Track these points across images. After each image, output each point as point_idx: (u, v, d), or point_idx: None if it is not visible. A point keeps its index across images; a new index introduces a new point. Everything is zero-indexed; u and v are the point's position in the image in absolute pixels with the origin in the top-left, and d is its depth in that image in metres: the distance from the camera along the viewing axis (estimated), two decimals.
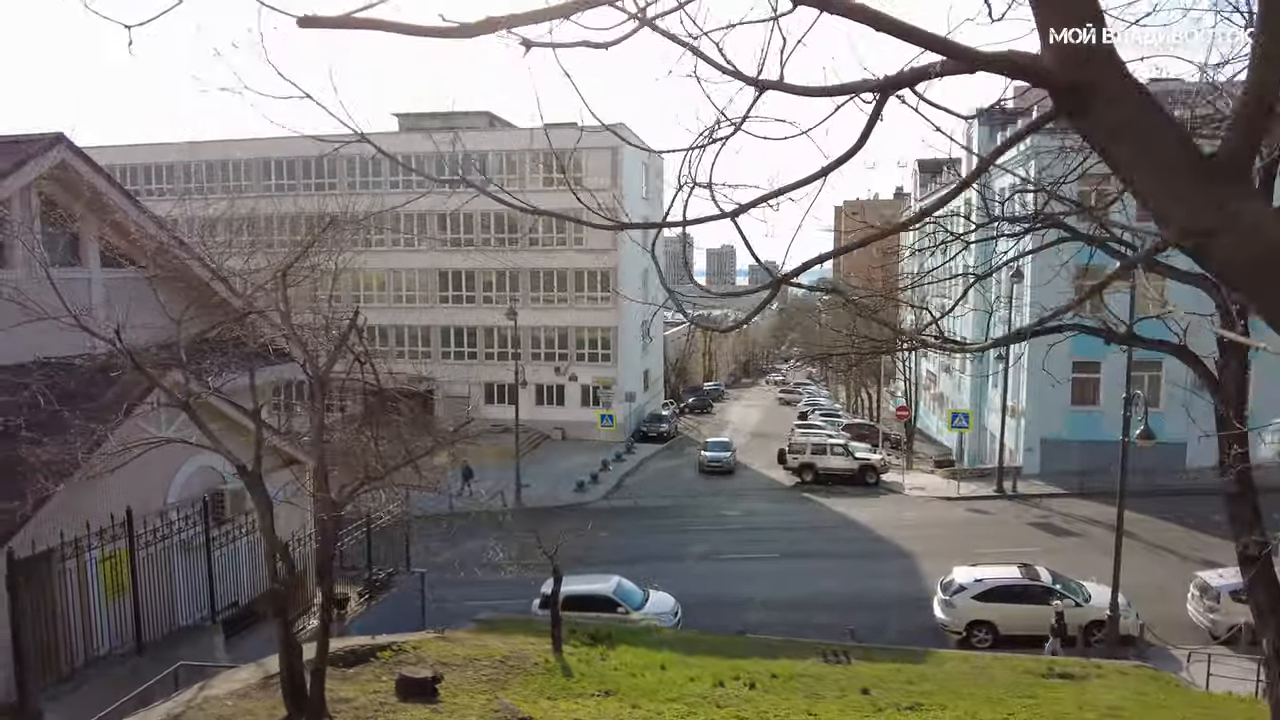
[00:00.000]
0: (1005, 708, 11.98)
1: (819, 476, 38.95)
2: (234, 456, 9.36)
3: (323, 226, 9.71)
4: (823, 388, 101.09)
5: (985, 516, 31.78)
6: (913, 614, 22.40)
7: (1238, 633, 19.20)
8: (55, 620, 11.19)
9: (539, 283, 53.26)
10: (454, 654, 14.67)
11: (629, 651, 15.83)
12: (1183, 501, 30.13)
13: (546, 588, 22.34)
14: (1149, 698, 12.88)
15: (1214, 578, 20.42)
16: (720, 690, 13.13)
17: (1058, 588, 20.60)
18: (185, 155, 55.88)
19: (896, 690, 13.19)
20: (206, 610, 14.02)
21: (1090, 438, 35.06)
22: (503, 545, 16.48)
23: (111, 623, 12.11)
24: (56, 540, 11.29)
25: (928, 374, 59.20)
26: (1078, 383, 35.50)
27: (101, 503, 12.20)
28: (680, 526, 33.05)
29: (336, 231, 9.72)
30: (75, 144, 14.05)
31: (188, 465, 14.49)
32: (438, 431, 9.87)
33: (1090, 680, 14.98)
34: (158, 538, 12.57)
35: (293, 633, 9.22)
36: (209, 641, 13.13)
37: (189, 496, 14.56)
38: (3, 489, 10.29)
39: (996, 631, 20.45)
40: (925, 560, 26.67)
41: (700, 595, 23.82)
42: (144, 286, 15.53)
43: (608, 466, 43.83)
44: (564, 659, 14.79)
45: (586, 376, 53.06)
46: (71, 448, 10.13)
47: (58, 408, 9.59)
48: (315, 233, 9.60)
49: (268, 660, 12.39)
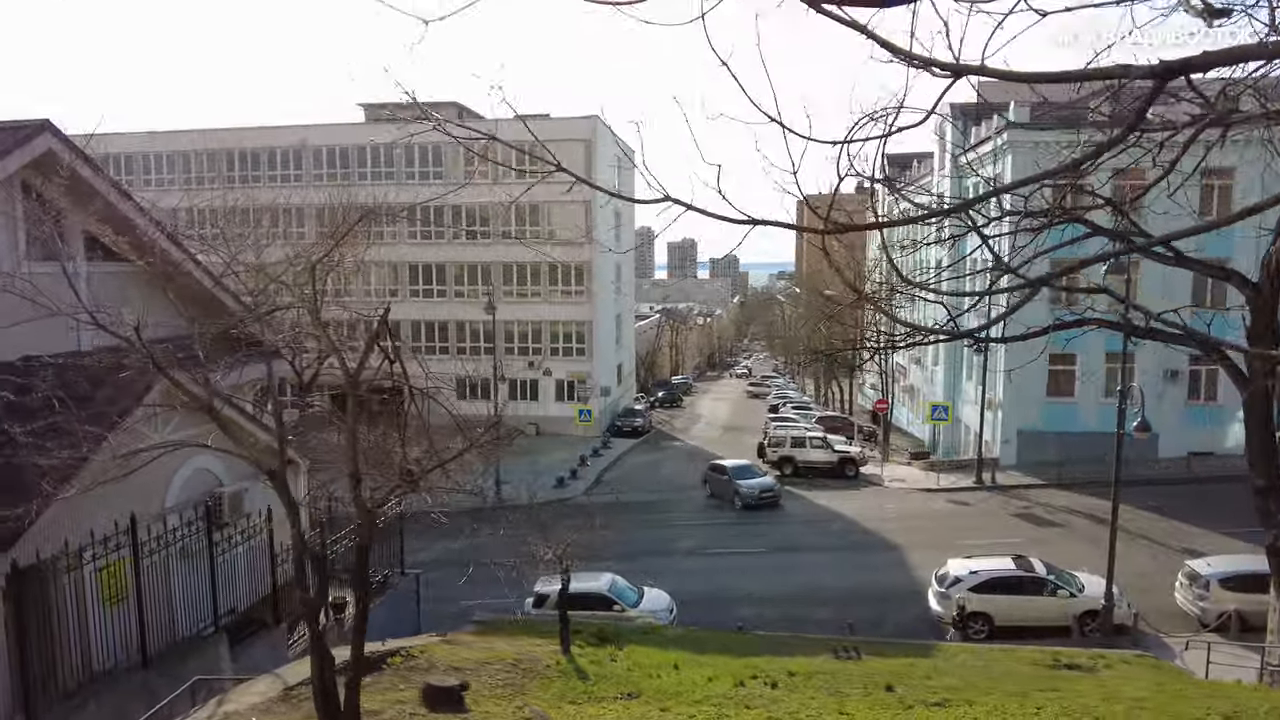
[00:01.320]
0: (1032, 702, 11.97)
1: (799, 469, 39.07)
2: (260, 460, 8.91)
3: (357, 218, 9.28)
4: (790, 380, 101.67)
5: (967, 508, 32.10)
6: (907, 606, 22.50)
7: (1227, 620, 19.56)
8: (57, 633, 10.61)
9: (512, 276, 52.66)
10: (464, 658, 14.32)
11: (638, 651, 15.61)
12: (1158, 491, 30.75)
13: (539, 586, 22.05)
14: (1167, 688, 13.00)
15: (1203, 566, 20.79)
16: (743, 690, 12.96)
17: (1051, 579, 20.82)
18: (146, 146, 54.12)
19: (918, 686, 13.14)
20: (208, 619, 13.46)
21: (1066, 429, 35.67)
22: (490, 544, 16.09)
23: (112, 634, 11.53)
24: (55, 548, 10.73)
25: (897, 366, 59.76)
26: (1053, 374, 36.05)
27: (99, 508, 11.60)
28: (665, 521, 32.89)
29: (369, 224, 9.29)
30: (61, 131, 13.36)
31: (184, 468, 13.91)
32: (470, 432, 9.46)
33: (1099, 671, 15.12)
34: (162, 545, 12.00)
35: (325, 642, 8.81)
36: (214, 651, 12.60)
37: (186, 500, 13.98)
38: (3, 495, 9.71)
39: (992, 623, 20.60)
40: (914, 552, 26.84)
41: (692, 591, 23.67)
42: (128, 281, 14.93)
43: (585, 462, 43.51)
44: (575, 661, 14.53)
45: (561, 371, 52.64)
46: (80, 452, 9.60)
47: (73, 411, 9.02)
48: (350, 224, 9.15)
49: (282, 670, 11.95)
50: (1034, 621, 20.29)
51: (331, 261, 8.97)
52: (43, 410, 10.16)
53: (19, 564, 9.86)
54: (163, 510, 13.33)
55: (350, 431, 8.55)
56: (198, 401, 8.59)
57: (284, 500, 8.66)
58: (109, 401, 11.56)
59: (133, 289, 14.19)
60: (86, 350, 13.92)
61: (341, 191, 45.74)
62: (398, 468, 9.00)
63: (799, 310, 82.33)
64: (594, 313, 52.46)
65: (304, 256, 9.99)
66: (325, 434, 14.45)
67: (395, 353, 9.13)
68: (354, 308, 9.95)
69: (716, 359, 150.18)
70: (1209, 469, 33.35)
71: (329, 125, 53.07)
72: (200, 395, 9.12)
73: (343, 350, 8.66)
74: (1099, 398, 35.34)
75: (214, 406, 8.80)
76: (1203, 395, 35.65)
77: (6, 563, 10.07)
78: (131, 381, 12.26)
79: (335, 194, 45.91)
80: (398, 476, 8.99)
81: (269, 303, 9.34)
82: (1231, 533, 26.89)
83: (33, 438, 9.37)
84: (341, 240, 8.83)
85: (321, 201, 43.60)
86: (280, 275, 9.90)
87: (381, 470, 9.20)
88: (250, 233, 10.39)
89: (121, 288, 14.58)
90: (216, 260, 10.03)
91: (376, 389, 10.96)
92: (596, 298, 52.50)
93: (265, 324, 9.55)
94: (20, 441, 9.27)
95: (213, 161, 53.73)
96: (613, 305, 57.50)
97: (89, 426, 10.11)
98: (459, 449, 9.48)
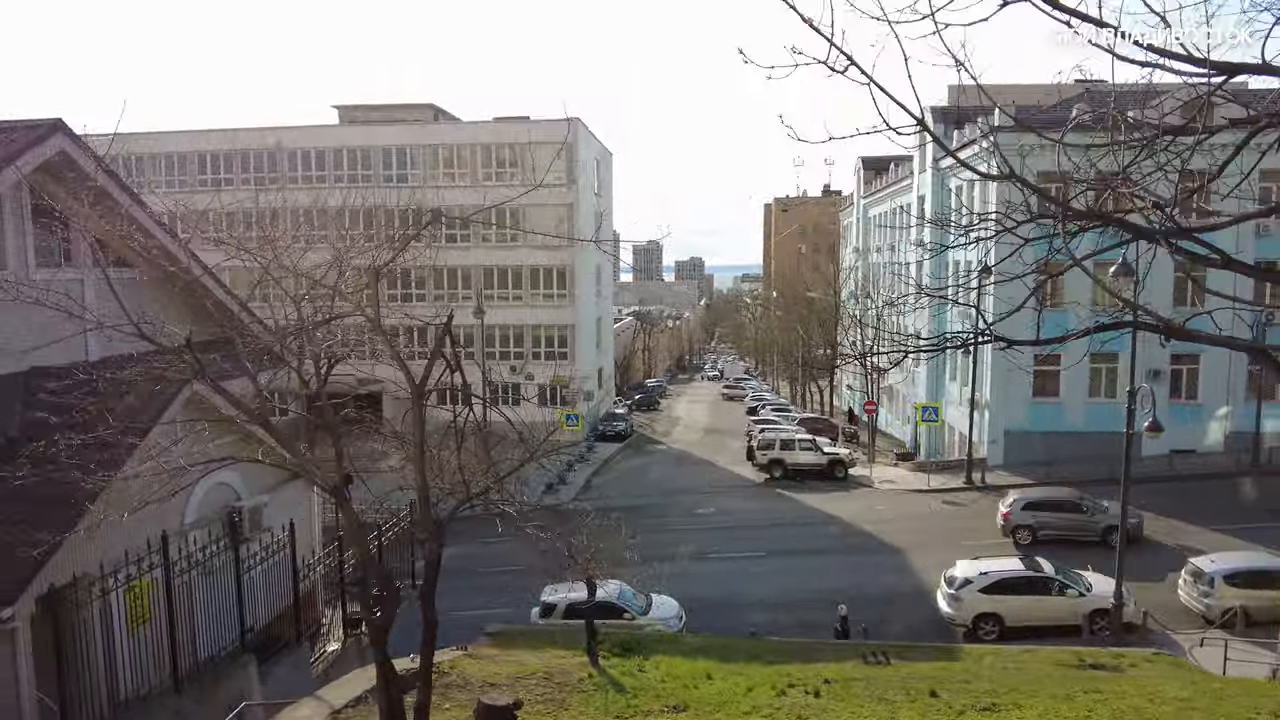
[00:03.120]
0: (1081, 705, 11.97)
1: (788, 472, 39.08)
2: (322, 478, 8.53)
3: (426, 221, 8.94)
4: (762, 382, 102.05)
5: (960, 509, 32.32)
6: (914, 608, 22.53)
7: (1233, 616, 19.83)
8: (89, 658, 10.11)
9: (493, 280, 52.08)
10: (494, 673, 14.00)
11: (666, 661, 15.37)
12: (1144, 489, 31.11)
13: (546, 595, 21.71)
14: (1203, 687, 13.09)
15: (1206, 563, 21.07)
16: (786, 699, 12.80)
17: (1060, 578, 20.97)
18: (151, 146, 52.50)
19: (959, 690, 13.08)
20: (232, 638, 12.96)
21: (1052, 429, 36.11)
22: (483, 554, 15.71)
23: (142, 657, 11.03)
24: (82, 569, 10.22)
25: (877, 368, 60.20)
26: (1039, 375, 36.45)
27: (118, 526, 11.11)
28: (660, 526, 32.63)
29: (435, 227, 8.95)
30: (74, 132, 12.79)
31: (204, 483, 13.37)
32: (529, 442, 9.19)
33: (1125, 670, 15.21)
34: (193, 563, 11.51)
35: (393, 666, 8.46)
36: (244, 673, 12.13)
37: (205, 516, 13.49)
38: (36, 513, 9.21)
39: (1003, 624, 20.69)
40: (914, 554, 26.92)
41: (698, 596, 23.46)
42: (138, 287, 14.34)
43: (572, 467, 43.13)
44: (607, 673, 14.26)
45: (542, 376, 52.15)
46: (118, 470, 9.13)
47: (113, 426, 8.56)
48: (419, 227, 8.81)
49: (322, 693, 11.54)
50: (1045, 621, 20.41)
51: (394, 266, 8.62)
52: (73, 424, 9.67)
53: (55, 586, 9.36)
54: (182, 527, 12.84)
55: (418, 445, 8.23)
56: (252, 417, 8.20)
57: (347, 518, 8.30)
58: (131, 413, 11.07)
59: (143, 295, 13.65)
60: (94, 360, 13.38)
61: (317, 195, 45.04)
62: (460, 479, 8.71)
63: (776, 313, 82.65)
64: (576, 316, 52.10)
65: (341, 261, 9.61)
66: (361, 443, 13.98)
67: (457, 360, 8.82)
68: (417, 315, 9.53)
69: (686, 361, 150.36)
70: (1191, 466, 33.96)
71: (304, 127, 52.14)
72: (249, 409, 8.72)
73: (404, 359, 8.31)
74: (1085, 398, 35.85)
75: (268, 421, 8.41)
76: (1184, 394, 36.32)
77: (33, 589, 9.57)
78: (153, 394, 11.80)
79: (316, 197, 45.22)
80: (461, 488, 8.70)
81: (321, 310, 8.93)
82: (1222, 529, 27.42)
83: (73, 454, 8.89)
84: (407, 244, 8.50)
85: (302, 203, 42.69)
86: (321, 279, 9.49)
87: (443, 481, 8.90)
88: (299, 234, 9.93)
89: (130, 295, 14.04)
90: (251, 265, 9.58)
91: (354, 396, 10.55)
92: (578, 301, 52.16)
93: (307, 334, 9.15)
94: (62, 460, 8.78)
95: (228, 162, 52.37)
96: (594, 308, 57.19)
97: (129, 438, 9.66)
98: (519, 460, 9.21)
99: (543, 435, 9.48)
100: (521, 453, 9.22)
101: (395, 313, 9.41)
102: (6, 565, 9.27)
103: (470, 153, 51.30)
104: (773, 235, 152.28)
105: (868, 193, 62.11)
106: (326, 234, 10.57)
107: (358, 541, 8.47)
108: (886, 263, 54.45)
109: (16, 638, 9.33)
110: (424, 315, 11.05)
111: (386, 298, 47.37)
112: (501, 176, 50.81)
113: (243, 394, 10.41)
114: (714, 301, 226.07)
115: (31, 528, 8.87)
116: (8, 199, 12.49)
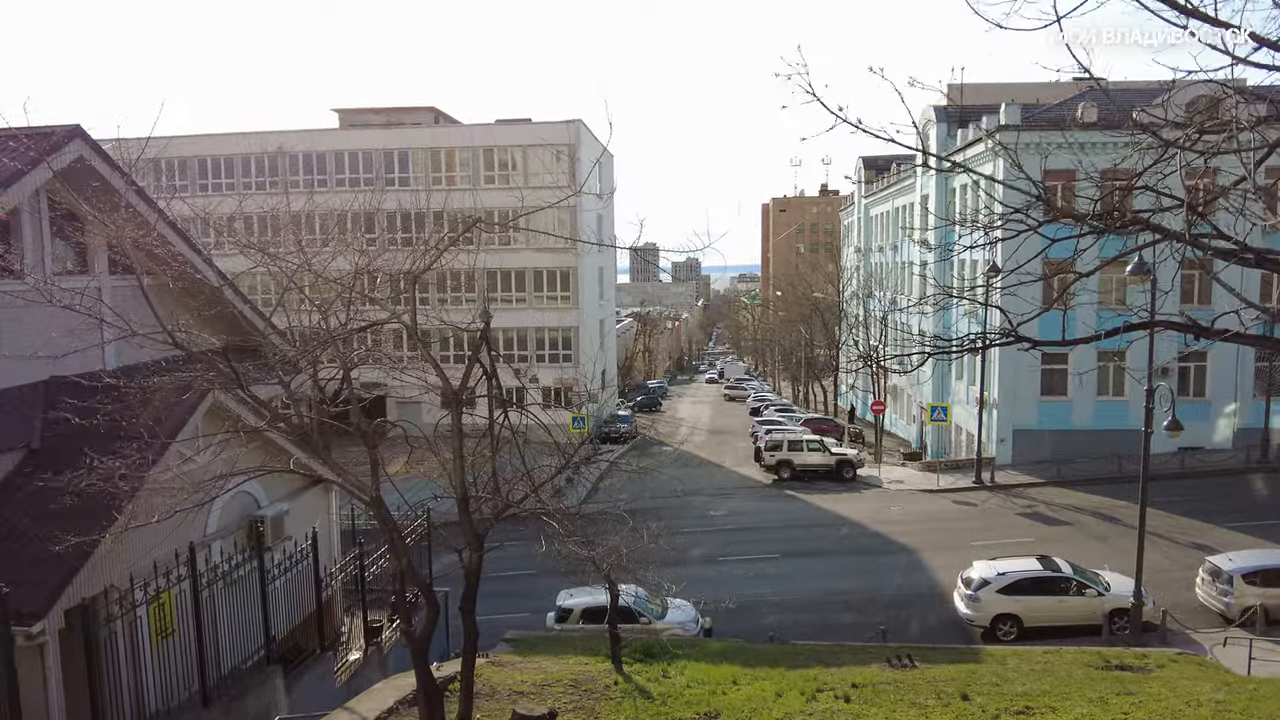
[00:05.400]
0: (1116, 708, 11.87)
1: (796, 473, 38.97)
2: (360, 487, 8.39)
3: (467, 225, 8.82)
4: (764, 382, 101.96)
5: (972, 508, 32.22)
6: (931, 609, 22.44)
7: (1252, 615, 19.73)
8: (117, 672, 9.96)
9: (496, 283, 51.95)
10: (520, 681, 13.85)
11: (690, 667, 15.23)
12: (1154, 487, 30.91)
13: (562, 600, 21.60)
14: (1234, 688, 13.00)
15: (1225, 561, 20.97)
16: (818, 704, 12.68)
17: (1078, 578, 20.87)
18: None
19: (991, 693, 12.97)
20: (256, 649, 12.80)
21: (1061, 427, 36.07)
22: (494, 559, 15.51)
23: (170, 671, 10.88)
24: (107, 582, 10.07)
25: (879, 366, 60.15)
26: (1046, 374, 36.42)
27: (140, 537, 10.95)
28: (672, 529, 32.29)
29: (473, 231, 8.83)
30: (92, 138, 12.65)
31: (225, 492, 13.25)
32: (566, 450, 9.07)
33: (1151, 671, 15.10)
34: (219, 574, 11.37)
35: (434, 680, 8.33)
36: (271, 685, 11.97)
37: (225, 525, 13.34)
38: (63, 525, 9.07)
39: (1021, 624, 20.59)
40: (928, 554, 26.82)
41: (712, 599, 23.32)
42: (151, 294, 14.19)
43: (579, 470, 42.97)
44: (633, 679, 14.13)
45: (546, 378, 51.98)
46: (142, 479, 8.99)
47: (146, 437, 8.42)
48: (459, 231, 8.69)
49: (354, 704, 11.40)
50: (1064, 621, 20.31)
51: (433, 272, 8.51)
52: (98, 433, 9.55)
53: (85, 599, 9.21)
54: (205, 537, 12.69)
55: (457, 452, 8.10)
56: (294, 429, 8.07)
57: (388, 529, 8.18)
58: (155, 422, 10.92)
59: (156, 302, 13.50)
60: (112, 368, 13.22)
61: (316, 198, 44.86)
62: (495, 487, 8.58)
63: (778, 313, 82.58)
64: (580, 318, 52.00)
65: (369, 267, 9.49)
66: None
67: (493, 366, 8.70)
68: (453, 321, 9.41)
69: (685, 362, 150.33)
70: (1199, 464, 33.90)
71: (303, 131, 51.97)
72: (285, 420, 8.58)
73: (440, 365, 8.18)
74: (1093, 396, 35.79)
75: (306, 433, 8.27)
76: (1192, 391, 36.25)
77: (60, 603, 9.42)
78: (174, 403, 11.65)
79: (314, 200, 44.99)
80: (497, 496, 8.57)
81: (353, 317, 8.81)
82: (1235, 526, 27.35)
83: (99, 464, 8.76)
84: (445, 249, 8.39)
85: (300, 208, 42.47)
86: (352, 286, 9.36)
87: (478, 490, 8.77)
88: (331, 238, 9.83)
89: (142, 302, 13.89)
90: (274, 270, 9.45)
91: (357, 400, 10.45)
92: (582, 303, 52.06)
93: (337, 341, 9.03)
94: (87, 470, 8.64)
95: (228, 167, 52.19)
96: (597, 310, 57.10)
97: (154, 448, 9.52)
98: (555, 467, 9.09)
99: (578, 443, 9.30)
100: (557, 460, 9.07)
101: (431, 318, 9.23)
102: (35, 578, 9.13)
103: (471, 155, 51.17)
104: (771, 235, 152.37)
105: (869, 192, 62.05)
106: (351, 240, 10.48)
107: (401, 553, 8.31)
108: (890, 263, 54.44)
109: (46, 652, 9.18)
110: (432, 318, 10.95)
111: (404, 302, 46.53)
112: (503, 179, 50.71)
113: (269, 400, 10.28)
114: (712, 302, 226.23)
115: (59, 539, 8.74)
116: (26, 206, 12.34)
